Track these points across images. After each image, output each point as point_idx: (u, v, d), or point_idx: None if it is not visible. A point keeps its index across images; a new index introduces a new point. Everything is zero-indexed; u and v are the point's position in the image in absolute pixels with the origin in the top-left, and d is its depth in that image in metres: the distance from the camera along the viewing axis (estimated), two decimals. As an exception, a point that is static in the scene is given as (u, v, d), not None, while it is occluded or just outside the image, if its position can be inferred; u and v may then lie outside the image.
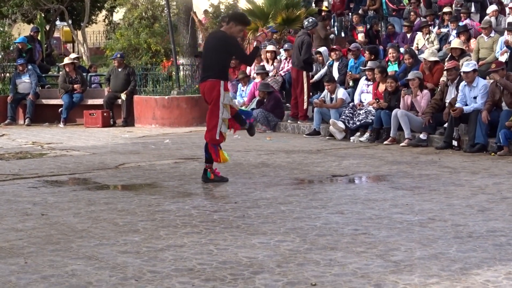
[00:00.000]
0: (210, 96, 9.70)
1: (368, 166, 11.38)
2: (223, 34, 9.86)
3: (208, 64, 9.84)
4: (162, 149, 13.88)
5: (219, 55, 9.72)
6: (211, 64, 9.76)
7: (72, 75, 19.53)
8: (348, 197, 8.74)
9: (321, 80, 17.32)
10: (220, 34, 9.94)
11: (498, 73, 12.87)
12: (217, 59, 9.72)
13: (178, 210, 8.06)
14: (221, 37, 9.83)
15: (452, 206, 8.10)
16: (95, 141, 15.46)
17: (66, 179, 10.53)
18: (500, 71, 12.90)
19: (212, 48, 9.82)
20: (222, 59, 9.77)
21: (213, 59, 9.74)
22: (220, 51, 9.71)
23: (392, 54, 16.55)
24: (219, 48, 9.72)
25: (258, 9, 23.84)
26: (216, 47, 9.74)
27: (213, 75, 9.69)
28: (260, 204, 8.37)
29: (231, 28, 9.86)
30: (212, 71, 9.71)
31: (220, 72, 9.77)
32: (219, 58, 9.73)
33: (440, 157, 12.15)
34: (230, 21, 9.88)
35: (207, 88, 9.71)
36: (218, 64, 9.74)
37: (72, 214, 7.93)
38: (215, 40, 9.89)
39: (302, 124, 16.48)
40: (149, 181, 10.21)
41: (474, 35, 18.05)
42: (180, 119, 17.96)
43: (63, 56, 28.62)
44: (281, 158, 12.35)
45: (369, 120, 14.65)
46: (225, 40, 9.74)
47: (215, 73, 9.71)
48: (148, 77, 18.96)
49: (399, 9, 22.74)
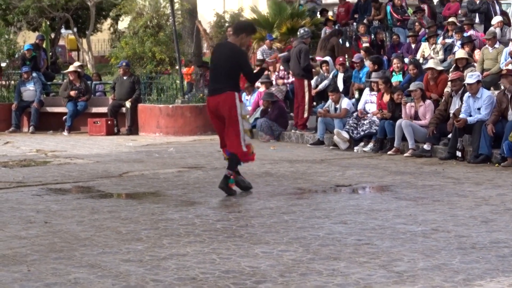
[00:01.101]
0: (226, 110, 9.48)
1: (371, 176, 11.38)
2: (234, 46, 9.71)
3: (220, 76, 9.61)
4: (166, 157, 13.89)
5: (232, 68, 9.55)
6: (224, 76, 9.56)
7: (76, 83, 19.54)
8: (351, 207, 8.73)
9: (325, 90, 17.34)
10: (231, 46, 9.77)
11: (508, 79, 12.85)
12: (230, 71, 9.55)
13: (181, 219, 8.06)
14: (233, 48, 9.67)
15: (456, 217, 8.09)
16: (99, 149, 15.47)
17: (69, 187, 10.54)
18: (510, 77, 12.87)
19: (225, 59, 9.61)
20: (234, 70, 9.60)
21: (226, 71, 9.54)
22: (232, 62, 9.54)
23: (396, 64, 16.56)
24: (231, 59, 9.56)
25: (262, 18, 23.93)
26: (229, 59, 9.58)
27: (228, 88, 9.50)
28: (263, 213, 8.38)
29: (242, 39, 9.76)
30: (226, 83, 9.52)
31: (234, 84, 9.62)
32: (232, 69, 9.56)
33: (444, 168, 12.14)
34: (241, 32, 9.75)
35: (222, 101, 9.49)
36: (231, 76, 9.58)
37: (76, 222, 7.94)
38: (226, 51, 9.72)
39: (306, 133, 16.48)
40: (152, 190, 10.21)
41: (478, 46, 18.05)
42: (184, 128, 17.97)
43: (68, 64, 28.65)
44: (284, 167, 12.35)
45: (373, 130, 14.65)
46: (237, 53, 9.64)
47: (230, 85, 9.53)
48: (153, 86, 18.98)
49: (403, 19, 22.74)
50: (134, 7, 21.65)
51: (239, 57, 9.62)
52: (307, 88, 16.53)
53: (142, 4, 21.69)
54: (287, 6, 23.83)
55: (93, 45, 33.54)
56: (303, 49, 16.50)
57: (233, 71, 9.59)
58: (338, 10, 25.45)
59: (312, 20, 24.07)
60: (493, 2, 22.12)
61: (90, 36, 31.77)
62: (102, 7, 32.47)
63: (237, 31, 9.85)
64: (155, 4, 21.50)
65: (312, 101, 17.02)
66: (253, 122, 17.34)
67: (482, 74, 15.80)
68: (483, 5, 20.82)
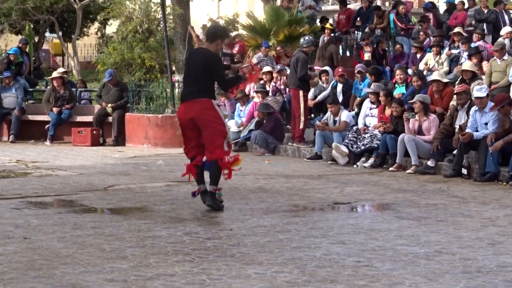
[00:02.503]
0: (206, 117, 9.56)
1: (372, 193, 11.36)
2: (208, 52, 9.81)
3: (195, 82, 9.70)
4: (154, 170, 13.86)
5: (206, 74, 9.66)
6: (199, 83, 9.66)
7: (60, 91, 19.53)
8: (350, 227, 8.71)
9: (324, 102, 17.34)
10: (205, 51, 9.88)
11: (503, 109, 12.75)
12: (204, 78, 9.67)
13: (170, 237, 8.03)
14: (207, 55, 9.78)
15: (461, 239, 8.07)
16: (83, 160, 15.44)
17: (51, 201, 10.50)
18: (506, 107, 12.77)
19: (199, 66, 9.70)
20: (208, 78, 9.72)
21: (200, 78, 9.66)
22: (206, 70, 9.65)
23: (399, 75, 16.58)
24: (205, 67, 9.66)
25: (259, 25, 23.96)
26: (203, 66, 9.67)
27: (205, 95, 9.62)
28: (256, 232, 8.35)
29: (217, 46, 9.92)
30: (202, 90, 9.62)
31: (209, 91, 9.75)
32: (206, 77, 9.68)
33: (449, 186, 12.13)
34: (217, 38, 9.86)
35: (199, 108, 9.57)
36: (205, 83, 9.70)
37: (57, 239, 7.90)
38: (202, 56, 9.80)
39: (302, 147, 16.47)
40: (139, 205, 10.18)
41: (486, 57, 18.10)
42: (174, 139, 17.90)
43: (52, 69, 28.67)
44: (280, 183, 12.33)
45: (374, 144, 14.64)
46: (211, 59, 9.73)
47: (207, 92, 9.66)
48: (142, 94, 18.96)
49: (407, 28, 22.82)
50: (123, 11, 21.66)
51: (212, 63, 9.71)
52: (303, 98, 16.53)
53: (132, 8, 21.70)
54: (285, 13, 23.88)
55: (79, 50, 33.56)
56: (301, 58, 16.52)
57: (207, 77, 9.71)
58: (339, 17, 25.53)
59: (311, 27, 24.11)
60: (502, 12, 22.23)
61: (76, 41, 31.78)
62: (89, 10, 32.54)
63: (213, 37, 9.91)
64: (145, 8, 21.51)
65: (308, 112, 17.02)
66: (248, 134, 17.35)
67: (490, 87, 15.85)
68: (491, 14, 20.93)
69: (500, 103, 12.77)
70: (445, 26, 22.60)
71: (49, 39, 39.67)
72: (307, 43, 17.00)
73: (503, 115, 12.81)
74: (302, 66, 16.46)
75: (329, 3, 35.31)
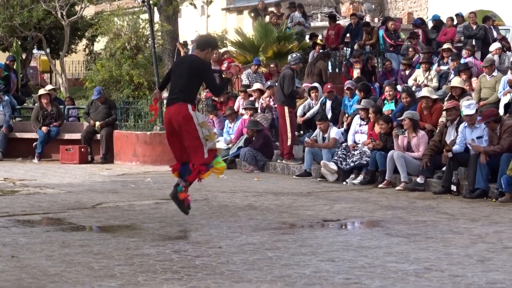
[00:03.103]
0: (179, 121, 9.71)
1: (361, 210, 11.39)
2: (197, 58, 9.98)
3: (176, 87, 9.85)
4: (143, 188, 13.86)
5: (191, 79, 9.81)
6: (180, 87, 9.80)
7: (48, 108, 19.52)
8: (339, 244, 8.73)
9: (313, 118, 17.39)
10: (194, 58, 10.06)
11: (490, 125, 12.83)
12: (187, 83, 9.80)
13: (158, 254, 8.03)
14: (195, 61, 9.95)
15: (450, 255, 8.10)
16: (71, 178, 15.42)
17: (39, 219, 10.48)
18: (492, 123, 12.84)
19: (184, 71, 9.84)
20: (192, 83, 9.87)
21: (182, 83, 9.80)
22: (192, 75, 9.81)
23: (388, 92, 16.63)
24: (191, 72, 9.81)
25: (248, 41, 24.03)
26: (189, 71, 9.82)
27: (180, 99, 9.75)
28: (245, 249, 8.36)
29: (207, 54, 10.08)
30: (180, 94, 9.77)
31: (188, 96, 9.85)
32: (190, 82, 9.82)
33: (438, 203, 12.17)
34: (208, 47, 10.00)
35: (173, 112, 9.75)
36: (187, 88, 9.82)
37: (45, 257, 7.89)
38: (188, 63, 9.97)
39: (291, 164, 16.51)
40: (127, 223, 10.18)
41: (476, 73, 18.20)
42: (162, 156, 17.91)
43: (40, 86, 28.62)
44: (269, 200, 12.35)
45: (364, 161, 14.69)
46: (200, 65, 9.88)
47: (183, 96, 9.78)
48: (130, 111, 18.97)
49: (397, 44, 22.92)
50: (111, 28, 21.71)
51: (201, 70, 9.87)
52: (288, 115, 16.60)
53: (120, 25, 21.76)
54: (274, 29, 23.98)
55: (67, 67, 33.55)
56: (287, 75, 16.59)
57: (192, 83, 9.86)
58: (328, 33, 25.61)
59: (300, 43, 24.20)
60: (490, 28, 22.38)
61: (64, 57, 31.78)
62: (78, 27, 32.57)
63: (204, 45, 10.08)
64: (133, 25, 21.57)
65: (295, 128, 17.08)
66: (236, 151, 17.39)
67: (479, 103, 15.93)
68: (479, 30, 21.04)
69: (486, 118, 12.85)
70: (434, 42, 22.71)
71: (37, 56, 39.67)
72: (294, 60, 17.03)
73: (490, 131, 12.89)
74: (289, 82, 16.53)
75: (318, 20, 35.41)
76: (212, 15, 34.80)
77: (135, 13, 24.65)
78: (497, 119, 12.92)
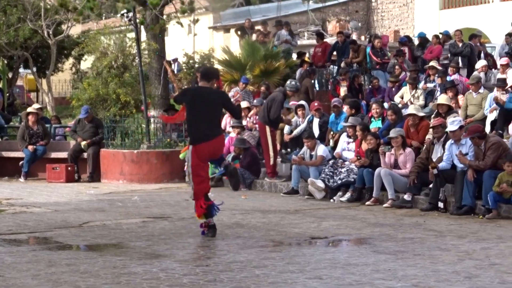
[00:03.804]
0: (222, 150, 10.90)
1: (349, 228, 11.40)
2: (214, 90, 10.77)
3: (209, 121, 10.37)
4: (130, 206, 13.83)
5: (218, 110, 10.65)
6: (213, 121, 10.47)
7: (34, 127, 19.47)
8: (327, 261, 8.73)
9: (300, 136, 17.42)
10: (211, 91, 10.64)
11: (474, 140, 12.88)
12: (217, 115, 10.65)
13: (145, 273, 8.01)
14: (215, 93, 10.71)
15: (438, 272, 8.11)
16: (58, 197, 15.38)
17: (25, 238, 10.45)
18: (476, 139, 12.89)
19: (210, 104, 10.39)
20: (219, 114, 10.86)
21: (213, 116, 10.44)
22: (218, 106, 10.59)
23: (375, 109, 16.70)
24: (216, 104, 10.52)
25: (235, 60, 24.06)
26: (214, 103, 10.46)
27: (219, 132, 10.66)
28: (233, 267, 8.35)
29: (212, 84, 10.68)
30: (216, 128, 10.58)
31: (221, 128, 11.28)
32: (218, 113, 10.70)
33: (425, 220, 12.19)
34: (213, 77, 10.71)
35: (219, 145, 10.57)
36: (218, 121, 11.03)
37: (31, 276, 7.86)
38: (210, 96, 10.46)
39: (277, 182, 16.53)
40: (114, 241, 10.15)
41: (462, 91, 18.29)
42: (149, 175, 17.93)
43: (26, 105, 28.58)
44: (256, 218, 12.34)
45: (351, 179, 14.70)
46: (223, 96, 11.00)
47: (219, 130, 10.83)
48: (117, 130, 18.96)
49: (383, 62, 23.01)
50: (98, 46, 21.69)
51: (225, 100, 10.81)
52: (270, 134, 16.65)
53: (107, 43, 21.74)
54: (261, 47, 24.02)
55: (53, 85, 33.53)
56: (278, 99, 16.64)
57: (218, 113, 10.76)
58: (315, 50, 25.67)
59: (287, 61, 24.26)
60: (477, 45, 22.49)
61: (51, 76, 31.78)
62: (64, 45, 32.54)
63: (209, 76, 10.70)
64: (120, 43, 21.56)
65: (276, 147, 17.08)
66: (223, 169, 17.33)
67: (466, 120, 16.00)
68: (466, 48, 21.15)
69: (471, 134, 12.90)
70: (420, 60, 22.81)
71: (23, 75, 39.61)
72: (291, 88, 17.08)
73: (475, 147, 12.94)
74: (277, 108, 16.60)
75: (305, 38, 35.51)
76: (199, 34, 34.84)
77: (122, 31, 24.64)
78: (481, 135, 12.98)
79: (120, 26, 30.00)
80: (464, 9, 32.70)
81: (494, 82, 18.07)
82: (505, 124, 15.58)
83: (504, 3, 31.34)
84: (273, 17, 34.10)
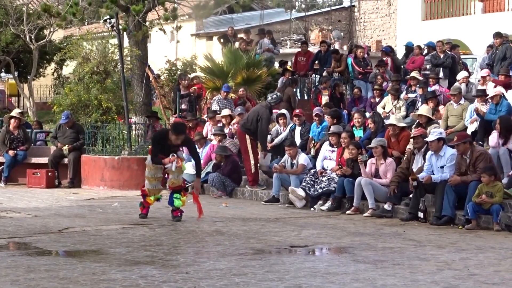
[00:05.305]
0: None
1: (329, 237, 11.41)
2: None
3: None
4: (110, 213, 13.80)
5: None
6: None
7: (14, 132, 19.39)
8: (307, 270, 8.74)
9: (282, 144, 17.43)
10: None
11: (459, 147, 12.96)
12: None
13: (125, 280, 7.99)
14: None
15: (417, 282, 8.14)
16: (38, 202, 15.32)
17: (4, 243, 10.39)
18: (462, 145, 12.96)
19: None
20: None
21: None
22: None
23: (357, 119, 16.75)
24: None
25: (217, 67, 24.05)
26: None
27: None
28: (212, 275, 8.34)
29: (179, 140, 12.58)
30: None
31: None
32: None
33: (405, 229, 12.23)
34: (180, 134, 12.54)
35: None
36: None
37: (10, 282, 7.82)
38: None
39: (257, 190, 16.54)
40: (94, 247, 10.12)
41: (443, 101, 18.36)
42: (130, 181, 17.89)
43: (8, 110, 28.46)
44: (237, 226, 12.34)
45: (332, 188, 14.73)
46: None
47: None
48: (98, 136, 18.92)
49: (365, 72, 23.06)
50: (80, 52, 21.65)
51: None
52: (250, 142, 16.73)
53: (89, 49, 21.70)
54: (243, 55, 24.04)
55: (35, 90, 33.42)
56: (265, 116, 16.72)
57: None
58: (297, 58, 25.69)
59: (269, 70, 24.29)
60: (458, 57, 22.60)
61: (32, 81, 31.67)
62: (46, 50, 32.42)
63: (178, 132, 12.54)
64: (102, 49, 21.53)
65: (257, 155, 17.12)
66: (205, 176, 17.35)
67: (447, 130, 16.06)
68: (447, 59, 21.24)
69: (462, 139, 12.96)
70: (403, 70, 22.89)
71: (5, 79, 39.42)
72: (275, 100, 17.25)
73: (460, 155, 12.98)
74: (265, 125, 16.76)
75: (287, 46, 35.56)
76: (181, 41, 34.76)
77: (104, 37, 24.63)
78: (471, 140, 13.09)
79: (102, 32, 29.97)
80: (446, 20, 32.83)
81: (474, 93, 18.15)
82: (485, 135, 15.65)
83: (486, 14, 31.50)
84: (256, 25, 34.10)
